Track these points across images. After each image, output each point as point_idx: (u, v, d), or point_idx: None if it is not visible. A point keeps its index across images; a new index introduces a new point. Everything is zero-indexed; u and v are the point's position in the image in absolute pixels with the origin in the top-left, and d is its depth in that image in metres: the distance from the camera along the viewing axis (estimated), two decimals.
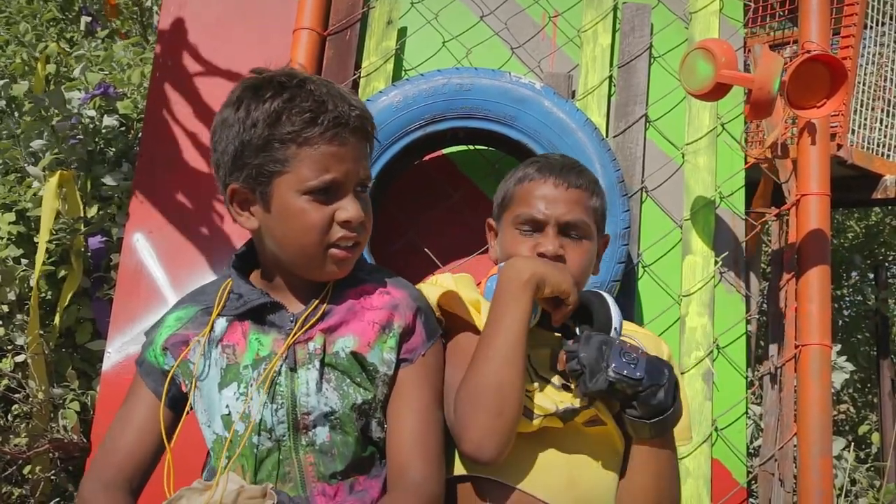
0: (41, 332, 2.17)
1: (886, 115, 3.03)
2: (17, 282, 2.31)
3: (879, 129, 2.99)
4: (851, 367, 3.05)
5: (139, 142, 2.18)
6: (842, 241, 4.96)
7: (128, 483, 1.18)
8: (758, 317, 3.11)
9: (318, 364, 1.15)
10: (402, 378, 1.20)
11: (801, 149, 1.89)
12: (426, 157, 2.01)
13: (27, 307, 2.35)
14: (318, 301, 1.20)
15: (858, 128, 2.92)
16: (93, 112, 2.54)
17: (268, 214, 1.15)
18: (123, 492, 1.16)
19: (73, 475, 2.25)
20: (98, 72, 2.62)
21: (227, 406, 1.16)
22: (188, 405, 1.22)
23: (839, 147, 2.77)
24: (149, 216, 2.04)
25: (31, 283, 2.27)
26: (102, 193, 2.46)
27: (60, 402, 2.20)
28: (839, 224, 5.06)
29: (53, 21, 3.43)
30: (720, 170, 1.97)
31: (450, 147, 2.01)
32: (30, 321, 2.17)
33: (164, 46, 2.16)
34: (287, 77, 1.13)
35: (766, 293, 2.08)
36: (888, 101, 3.04)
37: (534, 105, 1.81)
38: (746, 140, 2.19)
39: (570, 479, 1.20)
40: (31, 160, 2.41)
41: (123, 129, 2.64)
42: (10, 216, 2.37)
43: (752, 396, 2.59)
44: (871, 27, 2.98)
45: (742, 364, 1.87)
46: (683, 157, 1.99)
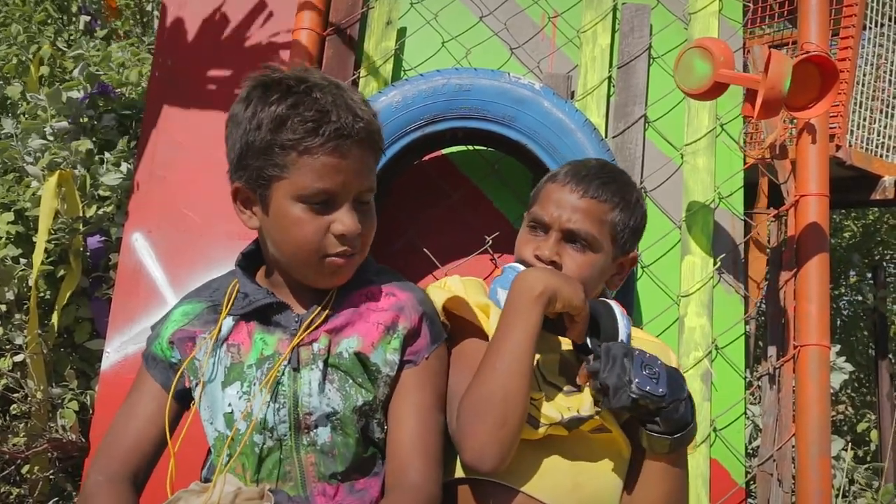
0: (39, 332, 2.16)
1: (885, 116, 3.03)
2: (16, 281, 2.30)
3: (878, 130, 2.99)
4: (850, 368, 3.05)
5: (138, 141, 2.17)
6: (840, 241, 4.96)
7: (132, 475, 1.18)
8: (756, 317, 3.11)
9: (322, 365, 1.16)
10: (405, 380, 1.20)
11: (800, 149, 1.89)
12: (425, 158, 2.01)
13: (26, 307, 2.34)
14: (324, 303, 1.20)
15: (857, 129, 2.92)
16: (91, 111, 2.54)
17: (266, 217, 1.15)
18: (127, 484, 1.16)
19: (72, 475, 2.25)
20: (96, 72, 2.62)
21: (230, 405, 1.16)
22: (194, 402, 1.22)
23: (838, 148, 2.77)
24: (148, 216, 2.04)
25: (30, 283, 2.27)
26: (101, 193, 2.45)
27: (59, 402, 2.19)
28: (837, 224, 5.06)
29: (49, 20, 3.42)
30: (719, 170, 1.98)
31: (449, 147, 2.01)
32: (29, 321, 2.17)
33: (164, 46, 2.16)
34: (296, 81, 1.11)
35: (765, 294, 2.07)
36: (887, 103, 3.04)
37: (533, 105, 1.81)
38: (745, 141, 2.20)
39: (575, 483, 1.19)
40: (30, 159, 2.40)
41: (122, 129, 2.63)
42: (9, 216, 2.36)
43: (751, 397, 2.59)
44: (870, 28, 2.98)
45: (741, 364, 1.88)
46: (682, 158, 1.99)
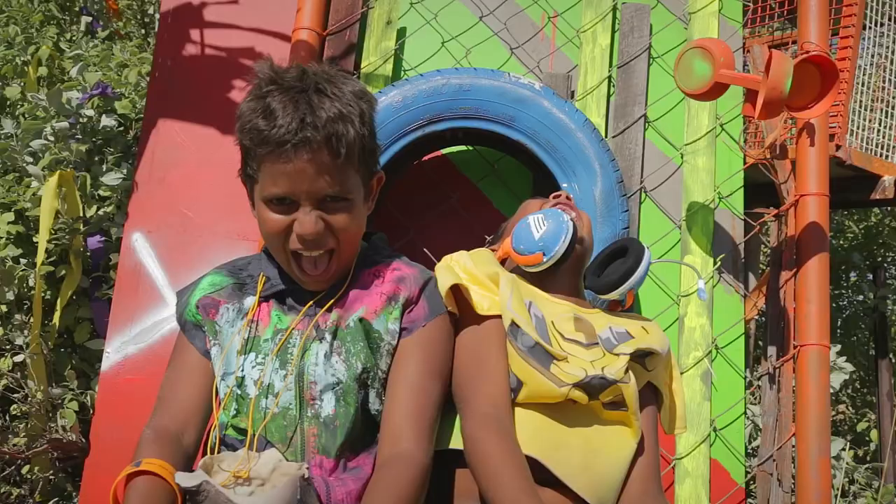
0: (40, 332, 2.16)
1: (885, 116, 3.03)
2: (17, 282, 2.30)
3: (878, 130, 2.99)
4: (850, 368, 3.05)
5: (138, 141, 2.17)
6: (841, 242, 4.96)
7: (180, 435, 1.20)
8: (756, 317, 3.11)
9: (330, 337, 1.20)
10: (402, 349, 1.24)
11: (800, 149, 1.89)
12: (425, 158, 2.01)
13: (26, 307, 2.34)
14: (332, 288, 1.25)
15: (857, 128, 2.92)
16: (91, 112, 2.54)
17: (256, 212, 1.23)
18: (175, 443, 1.18)
19: (73, 475, 2.25)
20: (95, 72, 2.62)
21: (243, 370, 1.21)
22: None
23: (838, 148, 2.77)
24: (148, 216, 2.05)
25: (31, 283, 2.27)
26: (101, 193, 2.46)
27: (59, 402, 2.19)
28: (838, 224, 5.06)
29: (51, 21, 3.42)
30: (719, 170, 1.98)
31: (449, 147, 2.01)
32: (32, 321, 2.17)
33: (164, 46, 2.16)
34: (266, 81, 1.15)
35: (766, 294, 2.07)
36: (887, 102, 3.04)
37: (533, 105, 1.81)
38: (745, 141, 2.20)
39: (585, 462, 1.21)
40: (31, 160, 2.40)
41: (122, 129, 2.63)
42: (9, 216, 2.36)
43: (751, 397, 2.59)
44: (870, 28, 2.98)
45: (741, 364, 1.88)
46: (682, 158, 1.99)
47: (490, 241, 1.59)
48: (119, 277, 2.01)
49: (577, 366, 1.23)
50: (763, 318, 2.83)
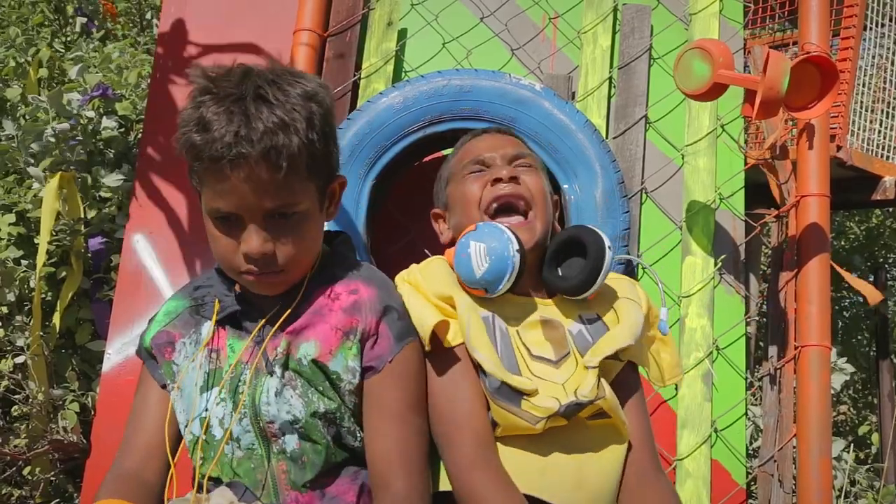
0: (41, 334, 2.17)
1: (886, 117, 3.03)
2: (17, 283, 2.31)
3: (879, 131, 2.99)
4: (851, 369, 3.05)
5: (139, 143, 2.17)
6: (842, 244, 4.96)
7: (140, 474, 1.16)
8: (757, 318, 3.11)
9: (280, 370, 1.12)
10: (371, 388, 1.15)
11: (801, 150, 1.89)
12: (426, 159, 2.01)
13: (27, 308, 2.34)
14: (283, 306, 1.16)
15: (858, 129, 2.92)
16: (91, 113, 2.55)
17: None
18: (134, 482, 1.15)
19: (73, 476, 2.25)
20: (95, 73, 2.62)
21: (207, 409, 1.14)
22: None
23: (839, 148, 2.77)
24: (149, 217, 2.05)
25: (32, 285, 2.27)
26: (102, 194, 2.46)
27: (60, 404, 2.19)
28: (839, 226, 5.06)
29: (46, 23, 3.42)
30: (720, 171, 1.98)
31: (450, 148, 2.01)
32: (32, 322, 2.17)
33: (165, 47, 2.17)
34: (201, 90, 1.07)
35: (766, 294, 2.07)
36: (888, 103, 3.04)
37: (534, 106, 1.81)
38: (746, 141, 2.20)
39: (578, 480, 1.18)
40: (32, 161, 2.41)
41: (122, 131, 2.64)
42: (10, 217, 2.37)
43: (752, 397, 2.59)
44: (871, 28, 2.98)
45: (741, 365, 1.88)
46: (683, 159, 1.99)
47: (435, 196, 1.51)
48: (120, 279, 2.01)
49: (549, 394, 1.18)
50: (764, 319, 2.83)
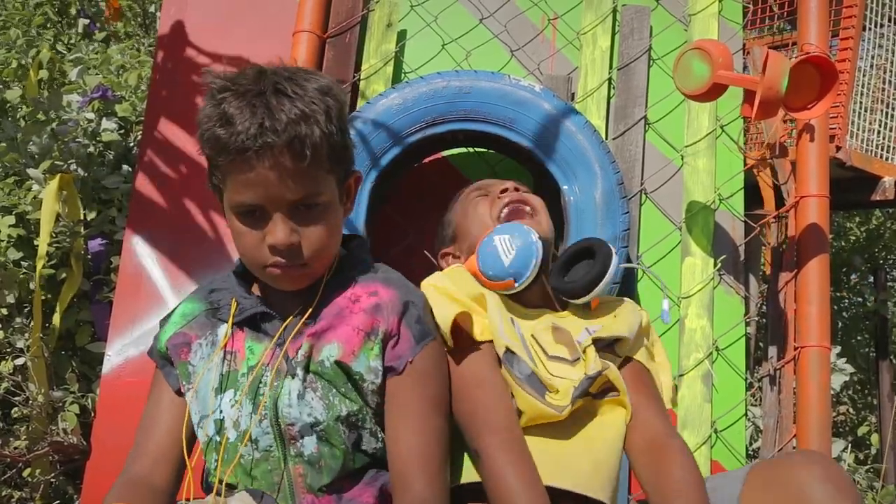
0: (41, 335, 2.17)
1: (885, 117, 3.03)
2: (17, 285, 2.31)
3: (878, 131, 2.99)
4: (851, 369, 3.05)
5: (138, 144, 2.18)
6: (842, 244, 4.96)
7: (150, 479, 1.16)
8: (757, 319, 3.11)
9: (302, 372, 1.13)
10: (393, 389, 1.16)
11: (800, 151, 1.89)
12: (426, 160, 2.01)
13: (27, 310, 2.34)
14: (303, 309, 1.17)
15: (857, 130, 2.92)
16: (91, 115, 2.55)
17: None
18: (144, 487, 1.15)
19: (73, 478, 2.25)
20: (95, 75, 2.62)
21: (222, 411, 1.15)
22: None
23: (838, 149, 2.77)
24: (149, 219, 2.05)
25: (32, 286, 2.27)
26: (102, 196, 2.46)
27: (60, 405, 2.19)
28: (839, 226, 5.06)
29: (48, 24, 3.43)
30: (719, 172, 1.98)
31: (449, 150, 2.02)
32: (32, 324, 2.17)
33: (164, 49, 2.17)
34: (220, 88, 1.08)
35: (766, 295, 2.07)
36: (887, 104, 3.04)
37: (533, 107, 1.81)
38: (745, 142, 2.20)
39: (595, 464, 1.20)
40: (31, 163, 2.41)
41: (122, 132, 2.64)
42: (10, 219, 2.37)
43: (752, 398, 2.59)
44: (870, 29, 2.99)
45: (741, 366, 1.88)
46: (683, 160, 1.99)
47: (439, 242, 1.54)
48: (120, 280, 2.01)
49: (569, 387, 1.22)
50: (764, 320, 2.83)
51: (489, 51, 2.09)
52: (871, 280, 4.67)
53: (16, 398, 2.18)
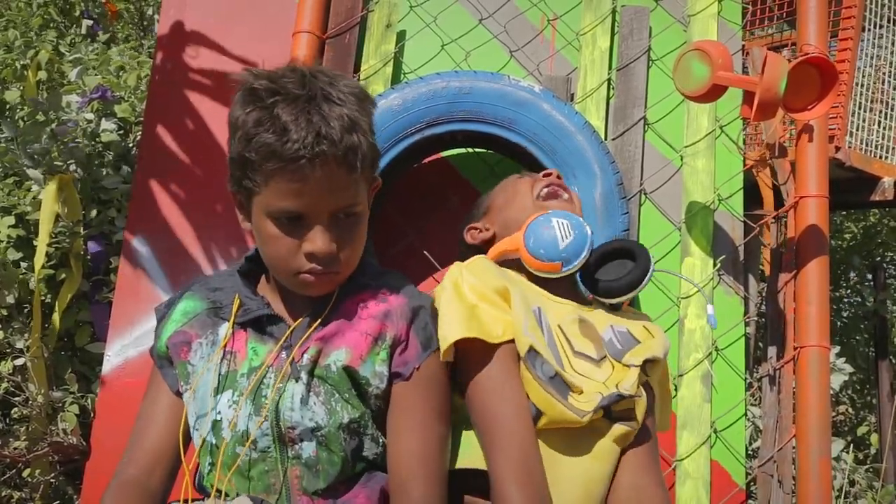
0: (40, 336, 2.17)
1: (884, 118, 3.03)
2: (17, 285, 2.31)
3: (877, 132, 2.99)
4: (850, 369, 3.05)
5: (138, 145, 2.18)
6: (840, 243, 4.96)
7: (145, 480, 1.16)
8: (756, 319, 3.11)
9: (307, 376, 1.13)
10: (398, 394, 1.16)
11: (800, 151, 1.89)
12: (425, 161, 2.01)
13: (26, 311, 2.34)
14: (313, 313, 1.17)
15: (857, 130, 2.93)
16: (91, 115, 2.55)
17: (251, 226, 1.15)
18: (138, 489, 1.15)
19: (73, 478, 2.25)
20: (94, 75, 2.62)
21: (220, 413, 1.14)
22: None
23: (837, 149, 2.77)
24: (148, 219, 2.05)
25: (31, 287, 2.27)
26: (101, 196, 2.46)
27: (60, 406, 2.19)
28: (837, 225, 5.06)
29: (51, 24, 3.43)
30: (719, 172, 1.98)
31: (448, 150, 2.02)
32: (32, 324, 2.17)
33: (163, 50, 2.17)
34: (267, 91, 1.06)
35: (765, 295, 2.08)
36: (886, 104, 3.04)
37: (533, 108, 1.81)
38: (745, 143, 2.20)
39: (586, 492, 1.18)
40: (31, 163, 2.41)
41: (122, 133, 2.64)
42: (10, 219, 2.37)
43: (751, 398, 2.59)
44: (869, 30, 2.99)
45: (741, 366, 1.88)
46: (682, 160, 1.99)
47: (468, 220, 1.51)
48: (119, 281, 2.01)
49: (594, 391, 1.18)
50: (763, 320, 2.83)
51: (488, 51, 2.09)
52: (871, 279, 4.67)
53: (15, 398, 2.18)
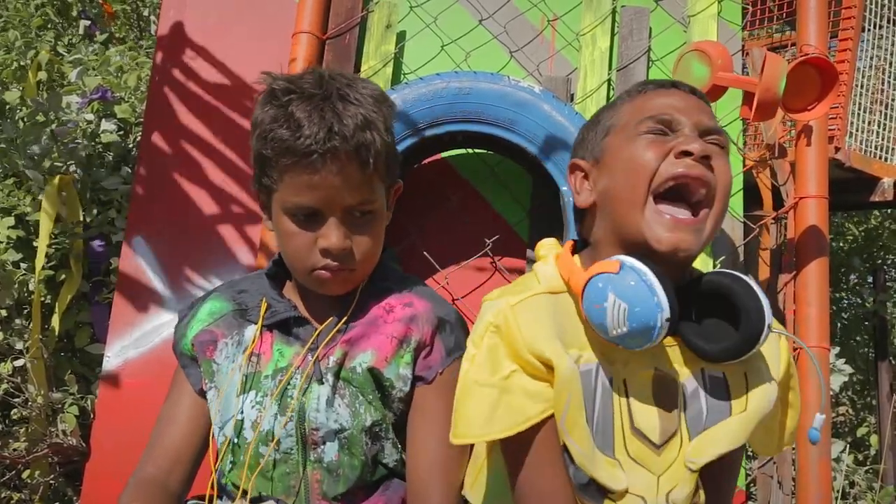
0: (40, 337, 2.17)
1: (884, 118, 3.03)
2: (17, 286, 2.31)
3: (877, 132, 2.99)
4: (850, 370, 3.05)
5: (138, 145, 2.18)
6: (841, 244, 4.96)
7: (164, 480, 1.17)
8: None
9: (332, 378, 1.14)
10: (419, 398, 1.17)
11: (799, 152, 1.89)
12: (425, 161, 2.01)
13: (26, 312, 2.34)
14: (338, 315, 1.18)
15: (856, 130, 2.93)
16: (91, 116, 2.55)
17: (272, 224, 1.17)
18: (157, 489, 1.15)
19: (73, 479, 2.25)
20: (94, 76, 2.62)
21: (243, 412, 1.15)
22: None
23: (837, 150, 2.77)
24: (148, 220, 2.05)
25: (31, 288, 2.27)
26: (101, 197, 2.46)
27: (59, 407, 2.19)
28: (838, 227, 5.06)
29: (49, 25, 3.43)
30: None
31: (449, 151, 2.02)
32: (32, 325, 2.17)
33: (164, 50, 2.17)
34: (283, 91, 1.09)
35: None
36: (886, 104, 3.05)
37: (533, 108, 1.81)
38: (745, 143, 2.20)
39: None
40: (31, 164, 2.41)
41: (122, 133, 2.64)
42: (10, 220, 2.37)
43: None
44: (869, 30, 2.99)
45: None
46: None
47: (582, 143, 1.19)
48: (119, 282, 2.01)
49: (638, 492, 1.01)
50: None
51: (488, 52, 2.09)
52: (871, 281, 4.67)
53: (15, 400, 2.18)
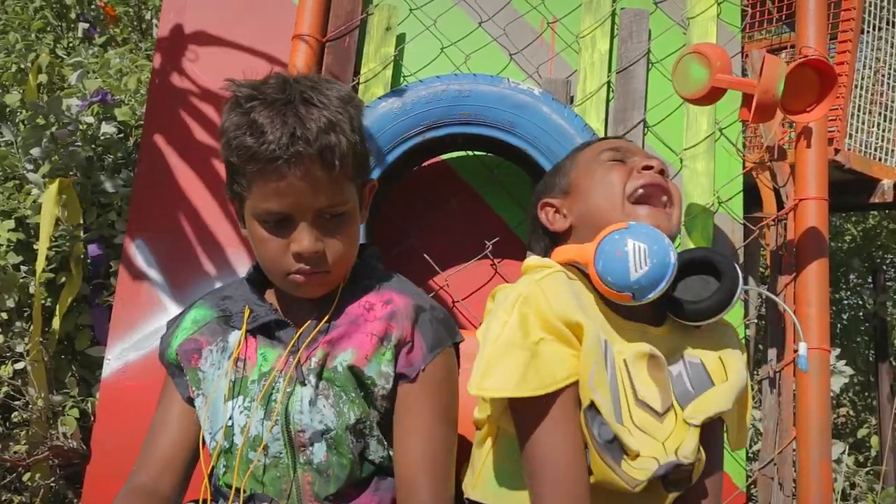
0: (40, 340, 2.17)
1: (884, 120, 3.04)
2: (17, 289, 2.31)
3: (877, 134, 3.00)
4: (850, 371, 3.05)
5: (138, 148, 2.18)
6: (840, 245, 4.96)
7: (155, 487, 1.16)
8: (756, 321, 3.11)
9: (315, 379, 1.14)
10: (403, 396, 1.16)
11: (799, 153, 1.90)
12: (425, 163, 2.02)
13: (26, 314, 2.34)
14: (318, 317, 1.18)
15: (856, 132, 2.93)
16: (91, 119, 2.55)
17: (246, 230, 1.17)
18: (148, 496, 1.15)
19: (73, 482, 2.25)
20: (94, 79, 2.62)
21: (231, 418, 1.15)
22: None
23: (836, 151, 2.78)
24: (148, 223, 2.05)
25: (31, 291, 2.27)
26: (102, 200, 2.46)
27: (60, 409, 2.19)
28: (837, 227, 5.06)
29: (48, 28, 3.43)
30: (718, 175, 1.98)
31: (448, 153, 2.02)
32: (32, 328, 2.17)
33: (163, 53, 2.17)
34: (246, 97, 1.09)
35: (765, 298, 2.08)
36: (885, 106, 3.05)
37: (532, 111, 1.81)
38: (744, 145, 2.20)
39: None
40: (31, 167, 2.41)
41: (122, 136, 2.64)
42: (10, 223, 2.37)
43: (752, 400, 2.59)
44: (868, 32, 3.00)
45: None
46: (682, 163, 1.99)
47: (544, 189, 1.32)
48: (119, 284, 2.01)
49: (649, 454, 1.09)
50: (763, 322, 2.83)
51: (488, 54, 2.09)
52: (871, 282, 4.67)
53: (15, 402, 2.18)
